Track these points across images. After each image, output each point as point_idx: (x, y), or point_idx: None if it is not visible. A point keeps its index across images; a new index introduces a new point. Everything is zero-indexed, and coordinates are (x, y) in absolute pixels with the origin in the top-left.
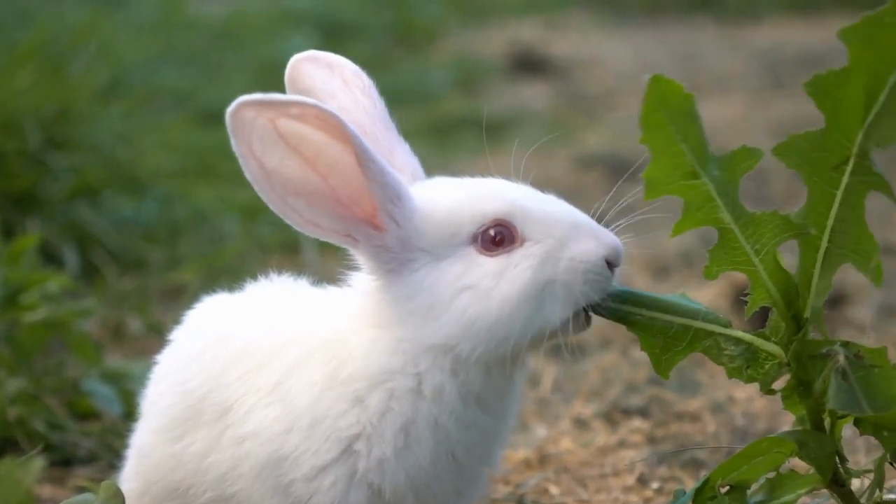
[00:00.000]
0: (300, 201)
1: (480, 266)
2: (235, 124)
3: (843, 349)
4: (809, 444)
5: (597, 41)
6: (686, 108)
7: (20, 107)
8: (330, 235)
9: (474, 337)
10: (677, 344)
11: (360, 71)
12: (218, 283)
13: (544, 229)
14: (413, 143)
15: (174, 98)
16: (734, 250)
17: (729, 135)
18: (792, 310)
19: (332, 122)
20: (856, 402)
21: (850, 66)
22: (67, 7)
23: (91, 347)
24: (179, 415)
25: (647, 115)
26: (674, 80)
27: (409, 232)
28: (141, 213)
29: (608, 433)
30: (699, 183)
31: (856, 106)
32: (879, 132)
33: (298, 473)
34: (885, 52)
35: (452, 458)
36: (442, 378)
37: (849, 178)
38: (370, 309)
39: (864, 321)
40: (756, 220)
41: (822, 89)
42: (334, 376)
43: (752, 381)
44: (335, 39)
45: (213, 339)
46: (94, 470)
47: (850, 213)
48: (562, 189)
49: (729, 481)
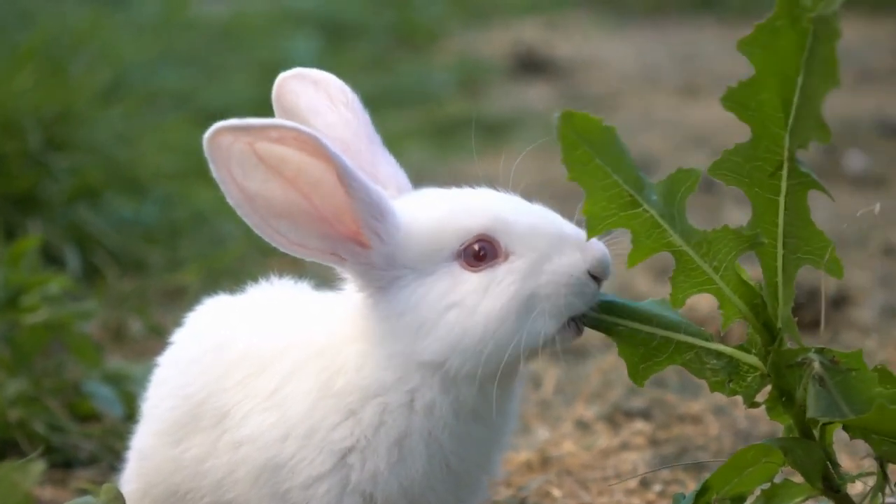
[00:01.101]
0: (284, 223)
1: (465, 282)
2: (213, 150)
3: (818, 356)
4: (797, 451)
5: (599, 42)
6: (609, 140)
7: (21, 107)
8: (317, 255)
9: (462, 353)
10: (658, 355)
11: (344, 86)
12: (218, 284)
13: (528, 243)
14: (414, 144)
15: (175, 99)
16: (693, 272)
17: (730, 136)
18: (762, 320)
19: (312, 143)
20: (835, 406)
21: (758, 75)
22: (68, 8)
23: (91, 349)
24: (179, 419)
25: (567, 153)
26: (587, 114)
27: (394, 248)
28: (141, 215)
29: (610, 435)
30: (640, 211)
31: (776, 111)
32: (801, 133)
33: (295, 482)
34: (786, 56)
35: (447, 469)
36: (433, 395)
37: (787, 182)
38: (360, 323)
39: (867, 322)
40: (709, 238)
41: (739, 102)
42: (327, 387)
43: (735, 395)
44: (336, 40)
45: (213, 344)
46: (95, 472)
47: (795, 217)
48: (563, 190)
49: (724, 494)
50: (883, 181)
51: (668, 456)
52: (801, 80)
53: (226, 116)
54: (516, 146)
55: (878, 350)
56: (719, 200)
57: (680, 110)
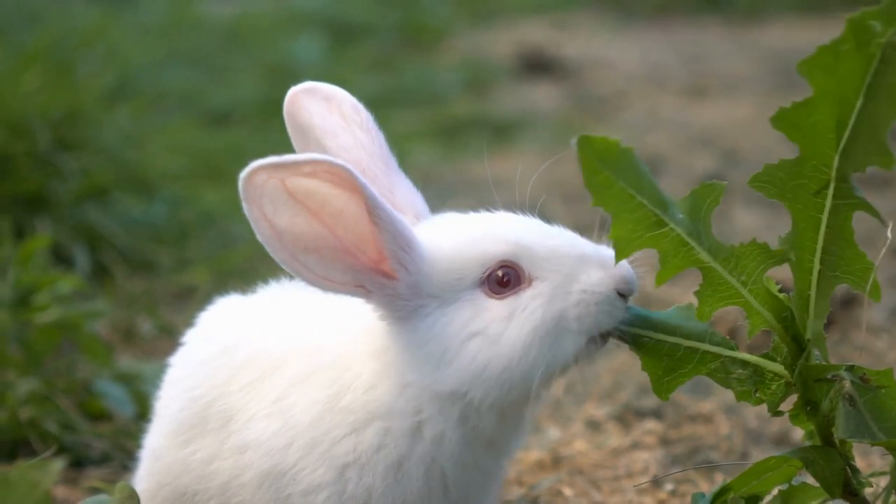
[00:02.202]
0: (311, 257)
1: (488, 310)
2: (247, 189)
3: (849, 374)
4: (818, 461)
5: (605, 42)
6: (629, 162)
7: (29, 109)
8: (342, 289)
9: (485, 383)
10: (683, 366)
11: (358, 105)
12: (227, 285)
13: (551, 266)
14: (420, 144)
15: (181, 99)
16: (721, 286)
17: (738, 137)
18: (791, 332)
19: (343, 175)
20: (865, 427)
21: (815, 97)
22: (75, 9)
23: (102, 348)
24: (187, 420)
25: (589, 178)
26: (605, 137)
27: (419, 278)
28: (150, 215)
29: (621, 435)
30: (667, 231)
31: (827, 133)
32: (855, 157)
33: (296, 488)
34: (847, 80)
35: (446, 494)
36: (444, 426)
37: (832, 201)
38: (377, 343)
39: (876, 323)
40: (736, 253)
41: (791, 122)
42: (334, 401)
43: (760, 404)
44: (342, 40)
45: (221, 347)
46: (107, 471)
47: (837, 236)
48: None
49: (742, 494)
50: (890, 182)
51: (679, 455)
52: (860, 104)
53: (232, 117)
54: (523, 146)
55: (887, 351)
56: (728, 199)
57: (686, 110)
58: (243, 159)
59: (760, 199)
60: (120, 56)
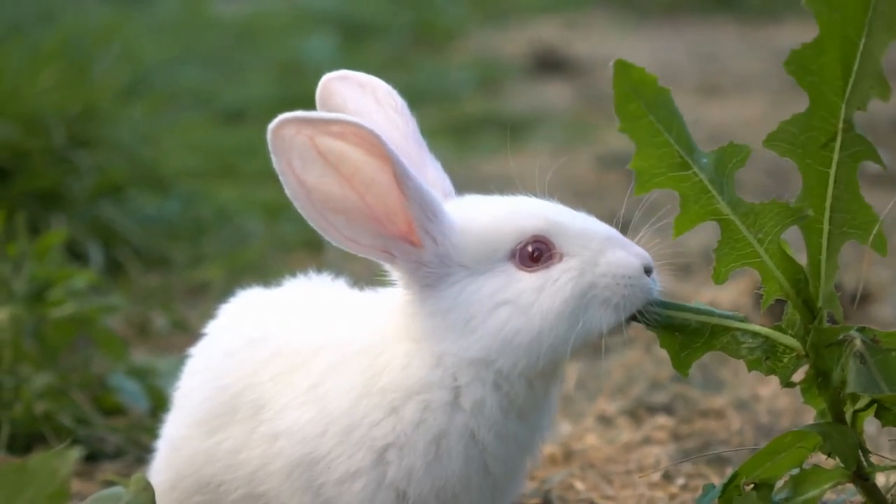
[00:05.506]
0: (340, 218)
1: (519, 281)
2: (276, 141)
3: (860, 334)
4: (833, 435)
5: (617, 41)
6: (663, 99)
7: (44, 106)
8: (368, 251)
9: (514, 352)
10: (696, 340)
11: (392, 90)
12: (241, 281)
13: (581, 243)
14: (433, 143)
15: (195, 98)
16: (738, 243)
17: (749, 135)
18: (803, 297)
19: (372, 141)
20: (875, 384)
21: (822, 35)
22: (90, 8)
23: (118, 343)
24: (213, 410)
25: (621, 104)
26: (643, 69)
27: (448, 248)
28: (164, 211)
29: (633, 430)
30: (690, 174)
31: (834, 78)
32: (858, 96)
33: (330, 477)
34: (851, 15)
35: (485, 472)
36: (483, 392)
37: (839, 154)
38: (405, 322)
39: (888, 319)
40: (756, 210)
41: (801, 65)
42: (370, 385)
43: (772, 373)
44: (355, 39)
45: (247, 339)
46: (121, 465)
47: (844, 190)
48: (583, 189)
49: (754, 479)
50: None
51: (690, 450)
52: (863, 43)
53: (245, 115)
54: (535, 145)
55: None
56: None
57: (698, 109)
58: (256, 157)
59: (764, 197)
60: (134, 54)
